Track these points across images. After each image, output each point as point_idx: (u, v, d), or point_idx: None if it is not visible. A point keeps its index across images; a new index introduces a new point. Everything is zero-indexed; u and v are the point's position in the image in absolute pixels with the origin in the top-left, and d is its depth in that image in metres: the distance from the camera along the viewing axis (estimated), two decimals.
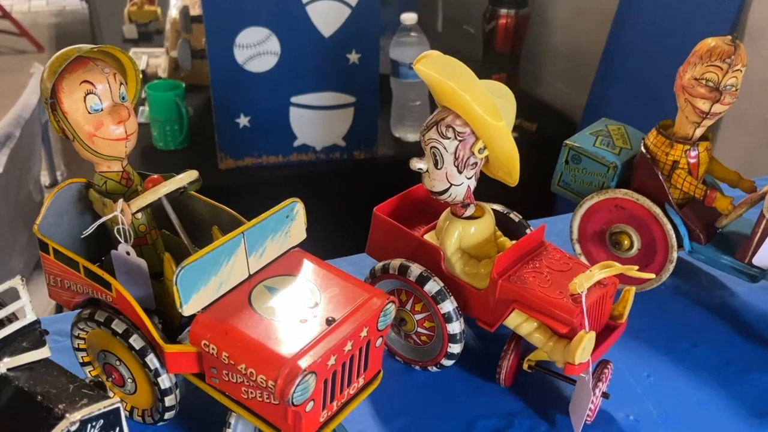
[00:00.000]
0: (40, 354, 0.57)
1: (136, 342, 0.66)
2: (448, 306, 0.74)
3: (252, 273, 0.66)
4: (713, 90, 0.81)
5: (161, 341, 0.64)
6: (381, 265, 0.78)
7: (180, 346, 0.64)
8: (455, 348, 0.76)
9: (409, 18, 1.76)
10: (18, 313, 0.58)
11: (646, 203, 0.87)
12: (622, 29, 1.85)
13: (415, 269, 0.75)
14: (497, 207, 0.83)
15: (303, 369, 0.56)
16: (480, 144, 0.71)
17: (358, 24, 1.59)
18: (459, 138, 0.71)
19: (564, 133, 0.95)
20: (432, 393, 0.79)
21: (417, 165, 0.74)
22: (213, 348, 0.60)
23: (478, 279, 0.76)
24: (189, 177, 0.70)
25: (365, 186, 1.71)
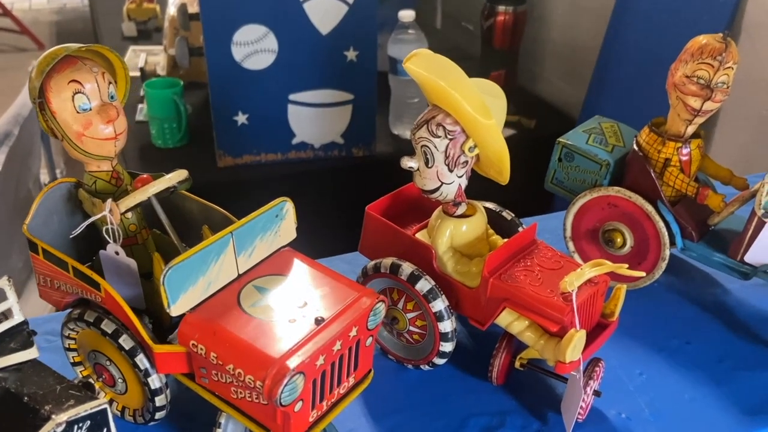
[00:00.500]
0: (28, 355, 0.57)
1: (125, 342, 0.66)
2: (439, 305, 0.74)
3: (241, 273, 0.66)
4: (704, 87, 0.81)
5: (150, 341, 0.64)
6: (373, 264, 0.78)
7: (169, 346, 0.64)
8: (447, 346, 0.76)
9: (407, 15, 1.76)
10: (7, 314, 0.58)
11: (638, 201, 0.87)
12: (619, 25, 1.85)
13: (407, 268, 0.75)
14: (489, 205, 0.83)
15: (291, 369, 0.56)
16: (470, 142, 0.71)
17: (355, 21, 1.59)
18: (449, 136, 0.70)
19: (562, 130, 0.95)
20: (424, 391, 0.79)
21: (408, 163, 0.74)
22: (201, 348, 0.60)
23: (469, 277, 0.76)
24: (178, 176, 0.70)
25: (364, 183, 1.71)
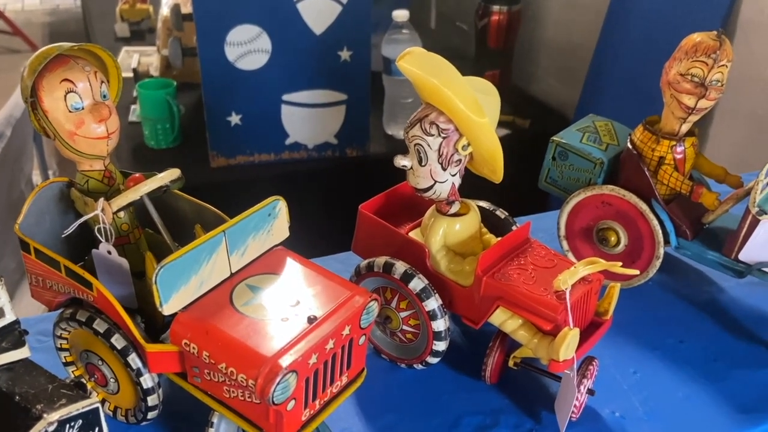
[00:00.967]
0: (19, 354, 0.57)
1: (117, 341, 0.65)
2: (432, 303, 0.74)
3: (234, 272, 0.65)
4: (698, 85, 0.81)
5: (143, 341, 0.64)
6: (366, 263, 0.77)
7: (161, 345, 0.63)
8: (440, 345, 0.76)
9: (401, 15, 1.76)
10: None
11: (632, 199, 0.87)
12: (614, 24, 1.85)
13: (400, 267, 0.75)
14: (483, 204, 0.83)
15: (283, 368, 0.56)
16: (464, 141, 0.71)
17: (349, 21, 1.59)
18: (443, 135, 0.70)
19: (557, 130, 0.94)
20: (418, 390, 0.79)
21: (401, 162, 0.74)
22: (194, 347, 0.60)
23: (463, 276, 0.76)
24: (170, 175, 0.69)
25: (357, 184, 1.71)
